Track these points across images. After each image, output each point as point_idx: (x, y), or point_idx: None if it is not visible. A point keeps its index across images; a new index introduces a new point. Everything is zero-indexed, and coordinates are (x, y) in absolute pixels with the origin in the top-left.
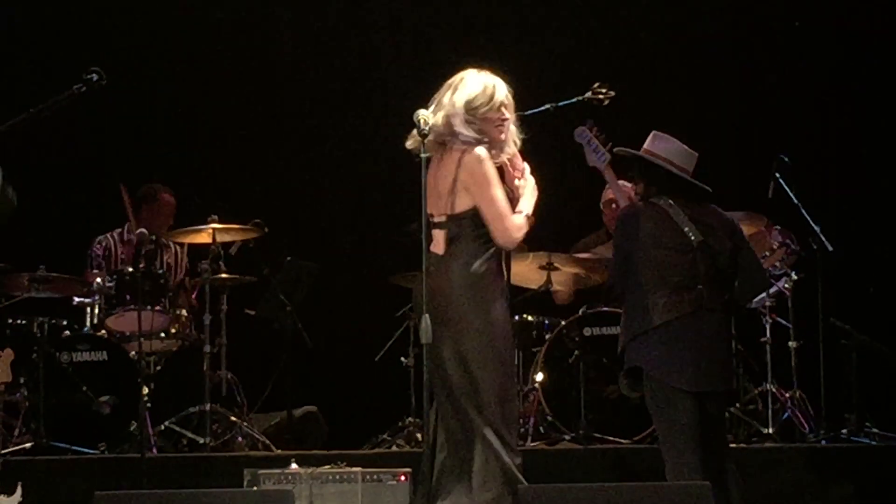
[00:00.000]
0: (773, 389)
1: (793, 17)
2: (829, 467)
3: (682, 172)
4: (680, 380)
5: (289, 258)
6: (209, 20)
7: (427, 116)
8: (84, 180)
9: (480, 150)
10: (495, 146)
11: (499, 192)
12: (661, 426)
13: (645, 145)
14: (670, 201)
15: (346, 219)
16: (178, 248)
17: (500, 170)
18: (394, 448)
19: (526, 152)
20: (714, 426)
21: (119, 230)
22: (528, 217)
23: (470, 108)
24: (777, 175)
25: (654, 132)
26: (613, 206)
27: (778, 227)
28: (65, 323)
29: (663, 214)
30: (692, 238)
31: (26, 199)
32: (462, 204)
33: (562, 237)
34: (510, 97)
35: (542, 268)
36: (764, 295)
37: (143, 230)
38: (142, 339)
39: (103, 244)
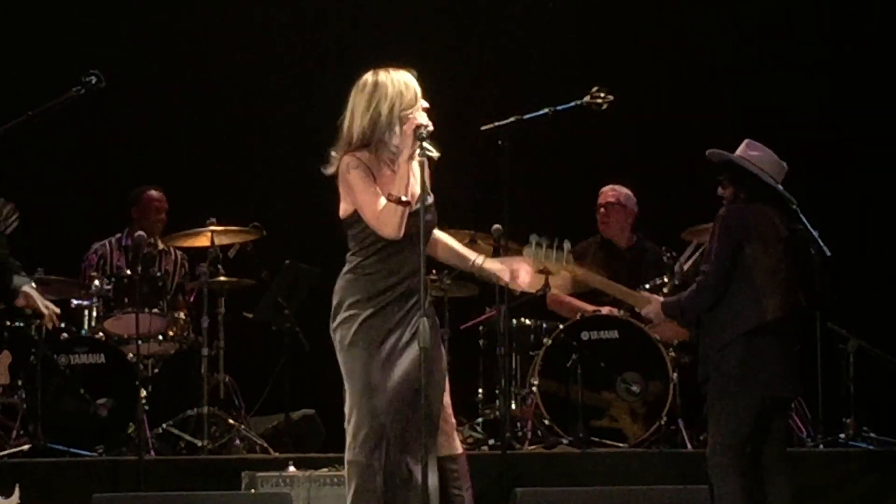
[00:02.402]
0: None
1: (790, 20)
2: (826, 472)
3: (771, 181)
4: (763, 383)
5: (287, 261)
6: (208, 24)
7: None
8: (83, 183)
9: None
10: None
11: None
12: (719, 424)
13: (738, 151)
14: (774, 213)
15: None
16: (178, 253)
17: None
18: None
19: (524, 156)
20: (776, 432)
21: (118, 235)
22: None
23: None
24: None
25: (747, 140)
26: (602, 210)
27: None
28: (63, 325)
29: (766, 214)
30: (786, 242)
31: (25, 202)
32: None
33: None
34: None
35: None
36: None
37: (142, 233)
38: (139, 342)
39: (99, 252)
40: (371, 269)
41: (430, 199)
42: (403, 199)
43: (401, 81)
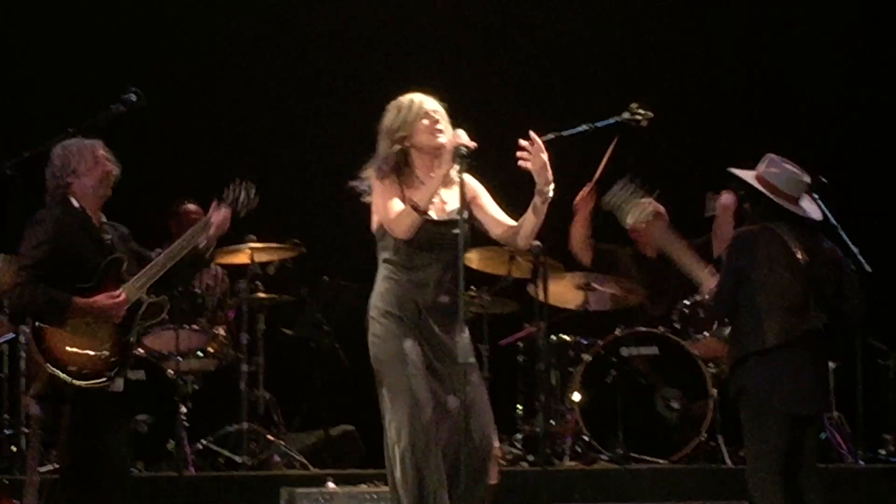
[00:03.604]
0: None
1: (825, 30)
2: (867, 488)
3: (787, 201)
4: (783, 401)
5: (326, 278)
6: (248, 41)
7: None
8: (122, 197)
9: None
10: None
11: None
12: (753, 446)
13: (757, 167)
14: (783, 226)
15: None
16: (218, 268)
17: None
18: None
19: (561, 173)
20: (806, 450)
21: (158, 250)
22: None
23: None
24: (815, 196)
25: (768, 156)
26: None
27: None
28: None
29: (777, 238)
30: (802, 264)
31: None
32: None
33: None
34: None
35: (579, 288)
36: None
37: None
38: (179, 359)
39: None
40: (399, 280)
41: (465, 215)
42: (420, 207)
43: (405, 99)
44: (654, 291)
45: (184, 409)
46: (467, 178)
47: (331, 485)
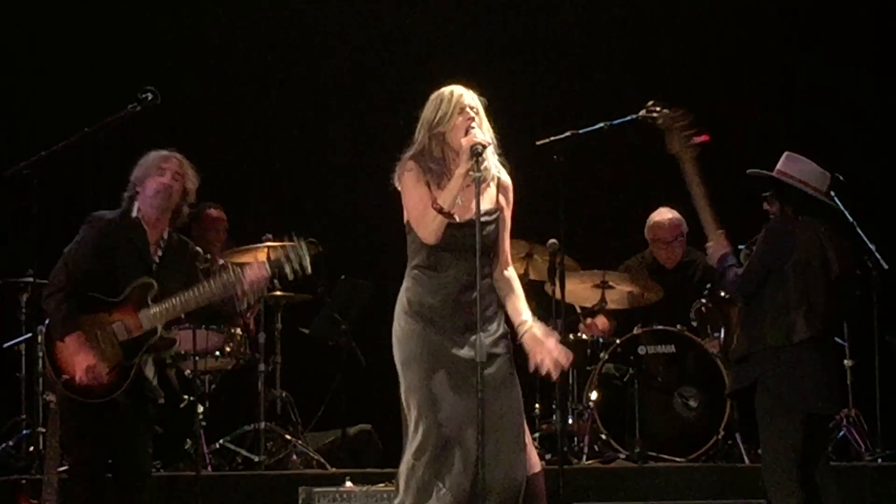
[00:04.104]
0: None
1: (845, 28)
2: (885, 486)
3: (816, 193)
4: (800, 399)
5: (343, 277)
6: (262, 42)
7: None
8: None
9: None
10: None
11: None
12: (769, 442)
13: (778, 166)
14: (816, 223)
15: (401, 237)
16: (236, 270)
17: None
18: None
19: (579, 170)
20: (820, 447)
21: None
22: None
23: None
24: (832, 193)
25: (787, 153)
26: (674, 241)
27: None
28: None
29: (814, 236)
30: (833, 269)
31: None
32: None
33: (613, 256)
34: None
35: (596, 286)
36: None
37: (198, 249)
38: (196, 358)
39: None
40: (423, 279)
41: (491, 217)
42: (444, 209)
43: (447, 92)
44: (671, 302)
45: (201, 409)
46: (508, 186)
47: (348, 484)
